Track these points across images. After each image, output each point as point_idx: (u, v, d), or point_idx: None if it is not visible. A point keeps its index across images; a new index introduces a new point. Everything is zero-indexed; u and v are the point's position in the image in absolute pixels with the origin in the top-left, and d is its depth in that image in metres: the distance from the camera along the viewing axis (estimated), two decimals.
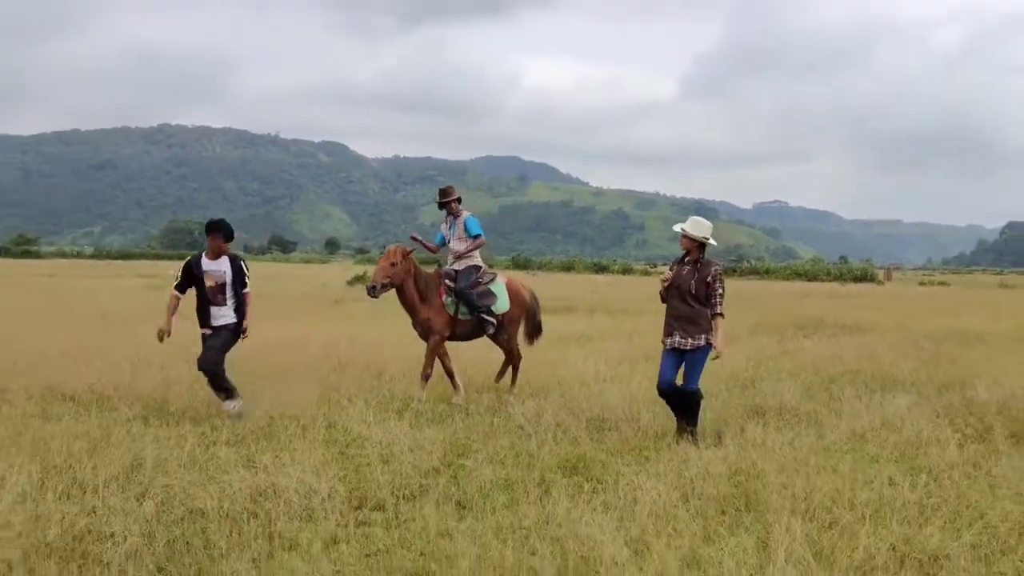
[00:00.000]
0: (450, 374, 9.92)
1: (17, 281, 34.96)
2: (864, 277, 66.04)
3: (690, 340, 7.47)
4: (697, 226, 7.64)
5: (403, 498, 5.93)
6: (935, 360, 13.08)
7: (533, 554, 4.67)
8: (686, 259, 7.71)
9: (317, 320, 18.67)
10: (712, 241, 7.67)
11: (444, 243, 10.34)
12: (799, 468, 6.52)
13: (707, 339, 7.50)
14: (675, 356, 7.62)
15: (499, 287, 10.20)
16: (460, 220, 10.24)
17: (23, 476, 5.68)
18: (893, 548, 4.94)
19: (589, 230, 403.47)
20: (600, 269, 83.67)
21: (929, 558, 4.89)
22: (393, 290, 9.61)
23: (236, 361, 10.85)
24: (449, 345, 10.14)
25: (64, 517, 5.08)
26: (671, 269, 7.84)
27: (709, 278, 7.52)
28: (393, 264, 9.50)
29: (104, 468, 6.14)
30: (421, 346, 10.13)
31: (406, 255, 9.68)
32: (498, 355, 10.90)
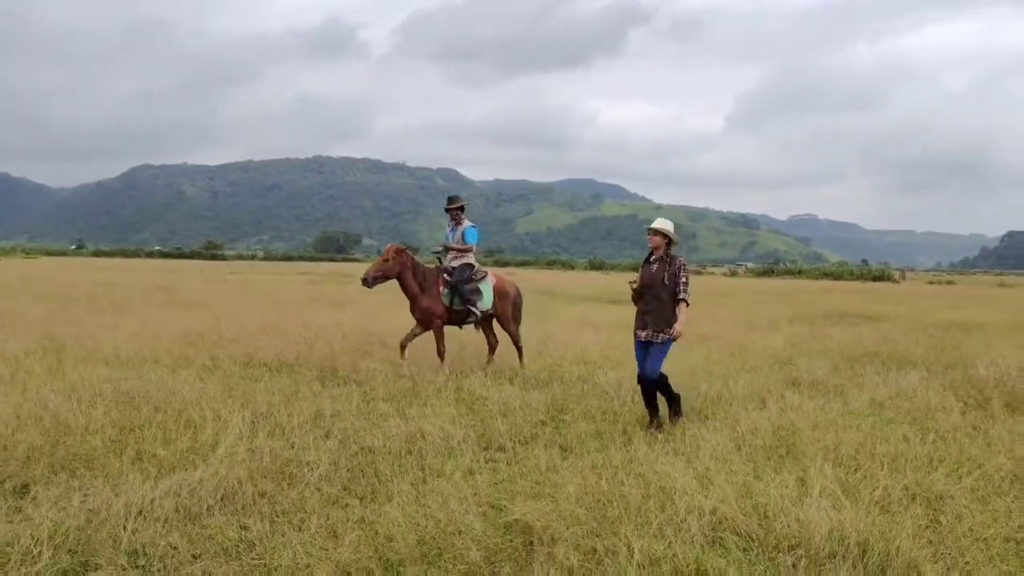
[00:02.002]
0: (440, 355, 9.42)
1: (210, 277, 36.43)
2: (882, 277, 63.66)
3: (660, 334, 6.74)
4: (666, 224, 6.93)
5: (519, 442, 6.14)
6: (942, 344, 12.78)
7: (622, 484, 4.84)
8: (651, 258, 6.96)
9: None
10: (676, 237, 6.91)
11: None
12: (829, 426, 6.58)
13: (671, 333, 6.77)
14: (646, 347, 6.89)
15: (486, 286, 9.69)
16: (461, 227, 9.78)
17: (240, 420, 6.08)
18: (906, 488, 4.99)
19: None
20: None
21: (936, 497, 4.92)
22: (397, 281, 9.30)
23: (385, 340, 11.28)
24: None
25: (272, 450, 5.41)
26: (639, 273, 7.05)
27: (676, 270, 6.81)
28: (386, 260, 9.22)
29: (296, 415, 6.52)
30: (521, 328, 10.32)
31: (399, 252, 9.35)
32: (561, 339, 10.97)
